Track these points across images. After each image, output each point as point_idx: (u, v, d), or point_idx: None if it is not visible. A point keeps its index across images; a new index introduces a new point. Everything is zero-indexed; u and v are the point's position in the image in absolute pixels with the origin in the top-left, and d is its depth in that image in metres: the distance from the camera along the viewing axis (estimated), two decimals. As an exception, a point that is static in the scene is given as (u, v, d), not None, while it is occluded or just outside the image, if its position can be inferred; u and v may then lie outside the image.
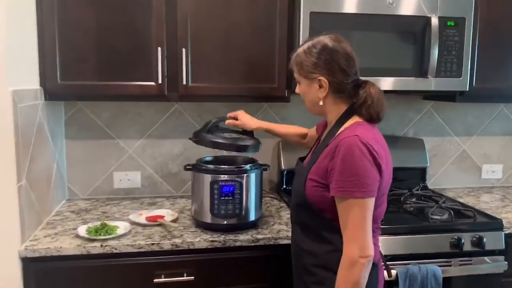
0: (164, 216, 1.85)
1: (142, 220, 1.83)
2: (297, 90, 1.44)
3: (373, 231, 1.24)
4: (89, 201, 2.15)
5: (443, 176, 2.53)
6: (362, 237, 1.20)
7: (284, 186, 2.28)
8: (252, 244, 1.68)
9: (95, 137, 2.18)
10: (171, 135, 2.25)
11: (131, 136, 2.22)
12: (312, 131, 1.76)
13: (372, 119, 1.32)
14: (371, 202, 1.21)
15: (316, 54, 1.31)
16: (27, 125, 1.63)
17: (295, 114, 2.33)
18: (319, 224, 1.31)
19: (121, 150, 2.21)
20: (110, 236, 1.63)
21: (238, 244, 1.67)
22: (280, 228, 1.78)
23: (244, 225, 1.74)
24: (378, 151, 1.22)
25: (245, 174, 1.71)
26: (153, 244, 1.61)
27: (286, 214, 1.97)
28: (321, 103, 1.35)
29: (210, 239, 1.65)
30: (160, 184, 2.27)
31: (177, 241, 1.63)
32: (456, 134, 2.52)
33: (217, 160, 1.89)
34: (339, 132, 1.31)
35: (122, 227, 1.74)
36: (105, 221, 1.75)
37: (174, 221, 1.84)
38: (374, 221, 1.25)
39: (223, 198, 1.68)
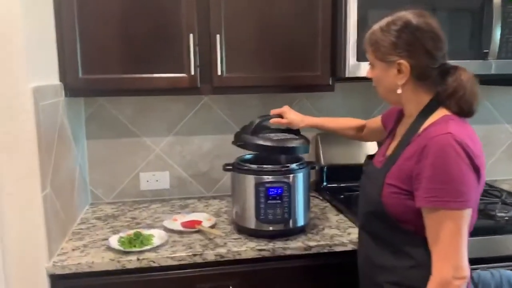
0: (201, 222, 1.67)
1: (177, 226, 1.66)
2: (369, 74, 1.23)
3: None
4: (114, 206, 1.97)
5: (494, 166, 2.33)
6: (457, 255, 1.01)
7: (325, 184, 2.09)
8: (304, 253, 1.50)
9: (118, 135, 2.01)
10: (200, 131, 2.07)
11: (157, 133, 2.04)
12: (372, 123, 1.56)
13: (463, 112, 1.12)
14: (467, 213, 1.03)
15: (396, 33, 1.11)
16: (49, 126, 1.45)
17: (334, 104, 2.14)
18: (398, 237, 1.13)
19: (147, 149, 2.04)
20: (147, 247, 1.46)
21: (288, 252, 1.49)
22: (332, 233, 1.60)
23: (292, 231, 1.56)
24: (475, 152, 1.03)
25: (293, 174, 1.52)
26: (195, 255, 1.44)
27: (333, 216, 1.78)
28: (399, 91, 1.15)
29: (258, 247, 1.48)
30: (190, 184, 2.09)
31: (222, 251, 1.46)
32: (507, 121, 2.32)
33: (258, 159, 1.71)
34: (424, 127, 1.11)
35: (157, 235, 1.56)
36: (138, 230, 1.57)
37: (212, 226, 1.66)
38: None
39: (270, 201, 1.50)
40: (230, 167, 1.59)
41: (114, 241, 1.51)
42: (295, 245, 1.49)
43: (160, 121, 2.03)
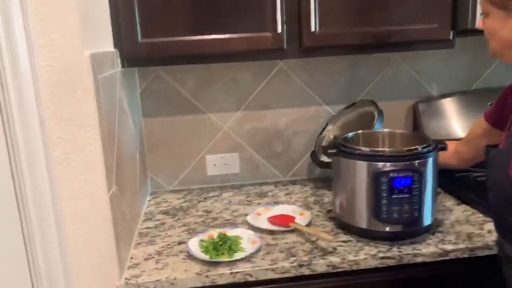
0: (294, 218, 1.35)
1: (265, 223, 1.35)
2: (479, 24, 1.01)
3: None
4: (179, 194, 1.68)
5: None
6: None
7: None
8: (439, 259, 1.17)
9: (179, 112, 1.68)
10: (274, 104, 1.72)
11: (224, 108, 1.70)
12: (474, 131, 1.26)
13: None
14: None
15: None
16: (110, 107, 1.13)
17: (436, 66, 1.75)
18: None
19: (213, 127, 1.71)
20: (239, 255, 1.15)
21: (419, 260, 1.16)
22: (467, 230, 1.25)
23: (417, 231, 1.22)
24: None
25: (423, 160, 1.17)
26: (301, 265, 1.13)
27: (455, 206, 1.43)
28: None
29: (380, 254, 1.15)
30: (263, 168, 1.77)
31: (334, 260, 1.14)
32: None
33: (364, 139, 1.36)
34: None
35: (245, 237, 1.25)
36: (221, 231, 1.27)
37: (308, 224, 1.34)
38: None
39: (395, 196, 1.15)
40: (334, 151, 1.24)
41: (194, 246, 1.21)
42: (427, 251, 1.16)
43: (227, 94, 1.69)
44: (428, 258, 1.16)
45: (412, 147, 1.17)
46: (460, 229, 1.26)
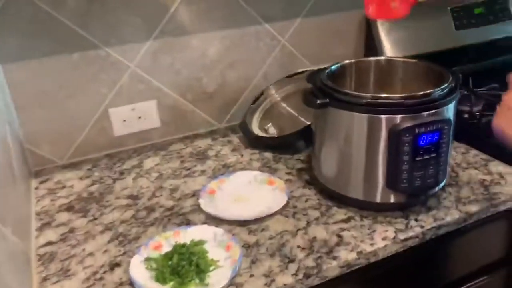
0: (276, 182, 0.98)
1: (229, 210, 0.96)
2: None
3: None
4: (80, 171, 1.17)
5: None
6: None
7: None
8: (463, 225, 0.93)
9: (60, 49, 1.10)
10: (200, 26, 1.23)
11: (129, 38, 1.17)
12: None
13: None
14: None
15: None
16: None
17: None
18: None
19: (115, 67, 1.17)
20: (218, 280, 0.77)
21: (442, 232, 0.90)
22: (477, 177, 1.02)
23: (433, 195, 0.95)
24: None
25: (449, 105, 0.85)
26: (308, 275, 0.79)
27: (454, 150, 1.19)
28: None
29: (400, 236, 0.86)
30: (192, 114, 1.32)
31: (349, 257, 0.82)
32: None
33: (351, 73, 1.00)
34: None
35: (211, 240, 0.86)
36: (173, 236, 0.85)
37: (288, 204, 0.98)
38: None
39: (419, 158, 0.84)
40: (327, 100, 0.86)
41: (139, 272, 0.78)
42: (450, 218, 0.90)
43: (131, 15, 1.15)
44: (451, 227, 0.91)
45: (434, 89, 0.84)
46: (468, 177, 1.02)
